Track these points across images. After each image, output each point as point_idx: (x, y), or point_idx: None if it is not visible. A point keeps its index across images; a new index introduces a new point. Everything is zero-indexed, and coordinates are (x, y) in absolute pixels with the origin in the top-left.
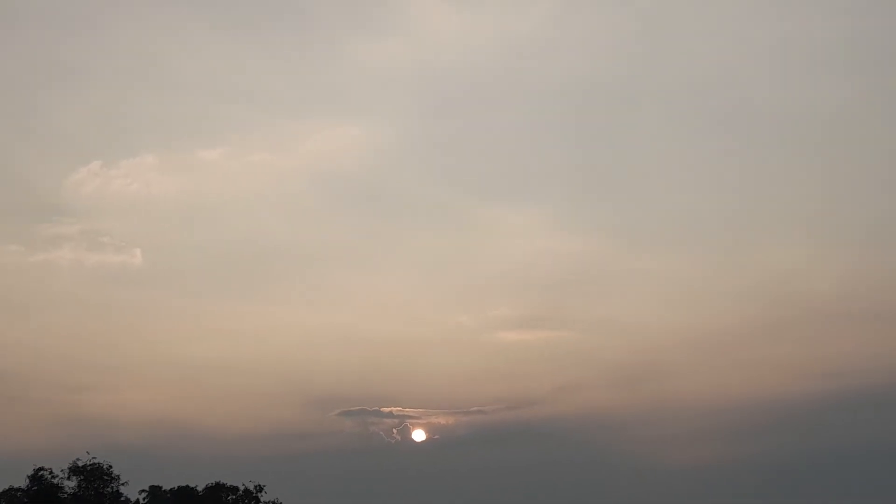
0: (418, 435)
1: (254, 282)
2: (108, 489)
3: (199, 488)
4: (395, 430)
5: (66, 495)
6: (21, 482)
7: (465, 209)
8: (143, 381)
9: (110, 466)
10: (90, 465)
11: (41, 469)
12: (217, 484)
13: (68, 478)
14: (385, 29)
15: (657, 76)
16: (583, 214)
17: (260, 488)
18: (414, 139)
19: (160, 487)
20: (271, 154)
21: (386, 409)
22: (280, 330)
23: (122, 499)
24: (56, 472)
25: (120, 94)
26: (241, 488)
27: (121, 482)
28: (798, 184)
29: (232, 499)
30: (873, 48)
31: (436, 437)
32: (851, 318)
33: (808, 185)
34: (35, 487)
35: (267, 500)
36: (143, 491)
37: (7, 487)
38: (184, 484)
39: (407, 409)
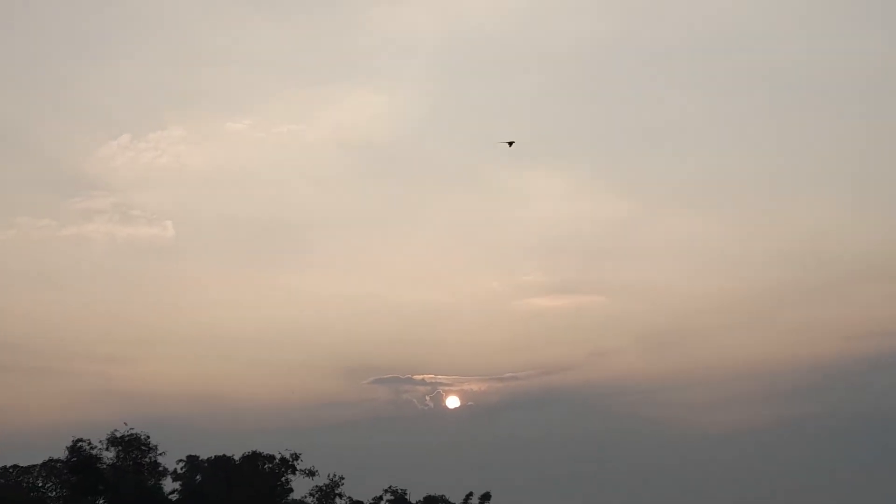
0: (452, 402)
1: (284, 252)
2: (147, 459)
3: (236, 458)
4: (428, 398)
5: (105, 466)
6: (58, 454)
7: (492, 174)
8: (177, 353)
9: (148, 437)
10: (128, 435)
11: (80, 440)
12: (253, 453)
13: (107, 448)
14: None
15: (687, 34)
16: (613, 178)
17: (296, 457)
18: (440, 105)
19: (197, 457)
20: (298, 124)
21: (418, 377)
22: (311, 299)
23: (161, 468)
24: (94, 443)
25: (147, 68)
26: (278, 457)
27: (158, 452)
28: (833, 142)
29: (268, 467)
30: None
31: (469, 403)
32: (888, 279)
33: (843, 144)
34: (74, 458)
35: (303, 468)
36: (180, 461)
37: (47, 459)
38: (220, 454)
39: (439, 377)
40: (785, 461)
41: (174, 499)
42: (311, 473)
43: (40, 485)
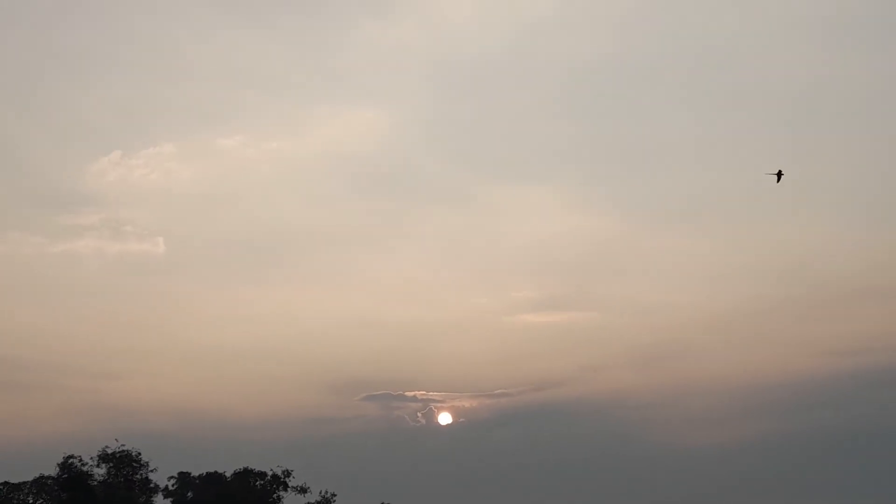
0: (443, 418)
1: (275, 267)
2: (138, 476)
3: (228, 474)
4: (419, 414)
5: (96, 482)
6: (49, 470)
7: (482, 190)
8: (168, 369)
9: (139, 453)
10: (119, 452)
11: (71, 457)
12: (245, 469)
13: (98, 465)
14: (398, 12)
15: (672, 54)
16: (601, 194)
17: (288, 473)
18: (430, 121)
19: (189, 473)
20: (288, 140)
21: (410, 394)
22: (302, 315)
23: (152, 485)
24: (86, 459)
25: (138, 84)
26: (269, 473)
27: (150, 469)
28: (821, 161)
29: (260, 484)
30: (891, 26)
31: (461, 420)
32: (875, 295)
33: (831, 162)
34: (65, 475)
35: (295, 485)
36: (171, 477)
37: (38, 476)
38: (212, 470)
39: (431, 393)
40: (774, 475)
41: None
42: (302, 490)
43: (31, 502)
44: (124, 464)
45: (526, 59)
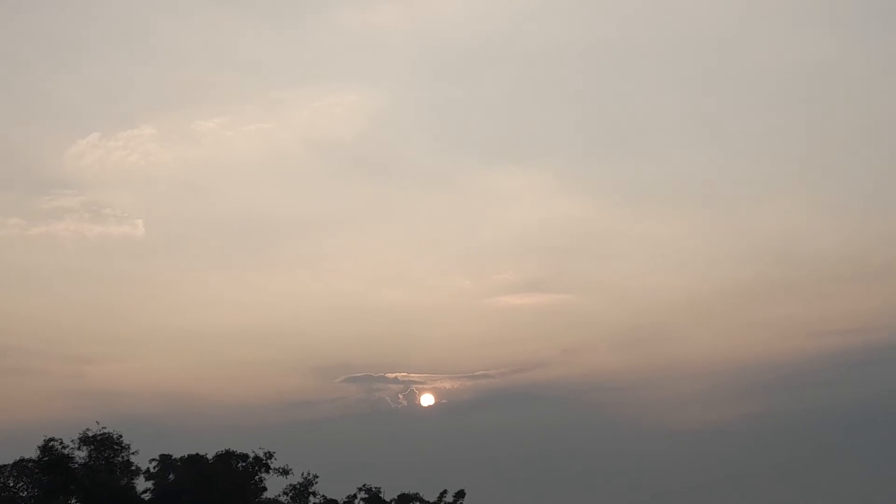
0: (425, 400)
1: (255, 251)
2: (119, 458)
3: (209, 456)
4: (401, 396)
5: (76, 465)
6: (30, 453)
7: (464, 174)
8: (148, 352)
9: (120, 436)
10: (100, 434)
11: (51, 440)
12: (227, 451)
13: (79, 448)
14: None
15: (657, 35)
16: (584, 177)
17: (270, 455)
18: (411, 104)
19: (170, 456)
20: (268, 123)
21: (391, 375)
22: (282, 298)
23: (133, 467)
24: (66, 442)
25: (116, 66)
26: (251, 455)
27: (131, 451)
28: (801, 142)
29: (242, 466)
30: (886, 6)
31: (442, 401)
32: (855, 276)
33: (810, 144)
34: (46, 458)
35: (277, 467)
36: (153, 460)
37: (18, 459)
38: (193, 452)
39: (412, 375)
40: (759, 457)
41: (147, 498)
42: (284, 472)
43: (11, 484)
44: (105, 446)
45: (509, 43)
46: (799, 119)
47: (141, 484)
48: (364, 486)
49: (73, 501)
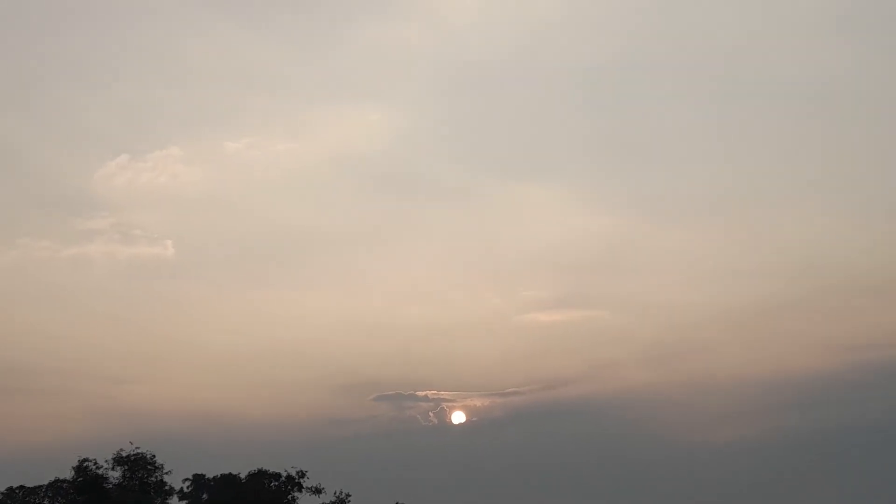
0: (455, 417)
1: (284, 269)
2: (153, 478)
3: (242, 476)
4: (431, 413)
5: (111, 485)
6: (64, 474)
7: (489, 189)
8: (179, 371)
9: (153, 456)
10: (134, 454)
11: (86, 460)
12: (259, 471)
13: (113, 468)
14: (402, 12)
15: (677, 51)
16: (607, 192)
17: (302, 474)
18: (436, 121)
19: (203, 475)
20: (294, 142)
21: (421, 393)
22: (312, 317)
23: (167, 487)
24: (100, 462)
25: (145, 87)
26: (284, 474)
27: (164, 471)
28: (824, 153)
29: (274, 485)
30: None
31: (473, 419)
32: (883, 290)
33: (834, 155)
34: (80, 479)
35: (309, 486)
36: (186, 479)
37: (53, 479)
38: (226, 472)
39: (442, 393)
40: (792, 474)
41: None
42: (317, 491)
43: None
44: (139, 466)
45: (532, 58)
46: (821, 129)
47: (174, 503)
48: (397, 503)
49: None
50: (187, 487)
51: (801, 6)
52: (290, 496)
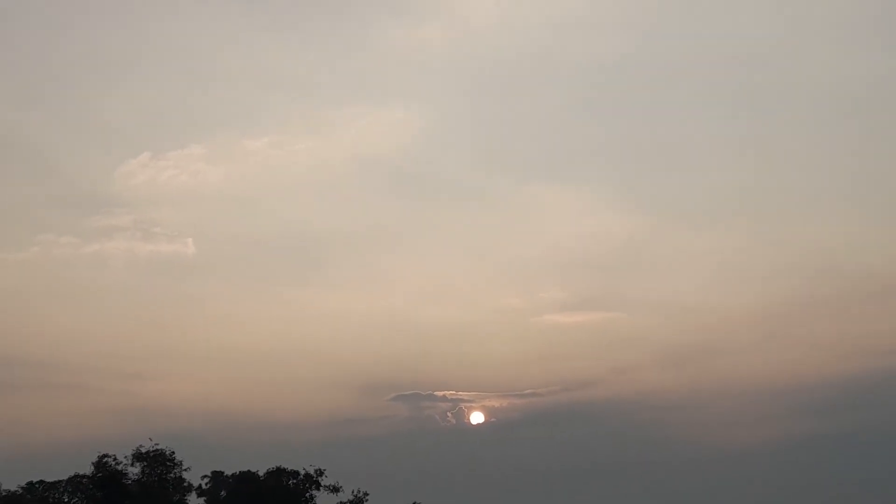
0: (474, 418)
1: (304, 268)
2: (172, 475)
3: (261, 473)
4: (449, 414)
5: (130, 481)
6: (84, 469)
7: (508, 190)
8: (199, 369)
9: (173, 452)
10: (153, 451)
11: (105, 456)
12: (278, 469)
13: (132, 464)
14: (423, 12)
15: (699, 54)
16: (627, 193)
17: (321, 472)
18: (455, 122)
19: (222, 473)
20: (314, 141)
21: (439, 393)
22: (331, 316)
23: (185, 484)
24: (120, 458)
25: (166, 86)
26: (302, 473)
27: (183, 468)
28: (847, 156)
29: (293, 483)
30: None
31: (491, 419)
32: None
33: (857, 158)
34: (100, 474)
35: (327, 484)
36: (205, 476)
37: (73, 475)
38: (245, 469)
39: (460, 393)
40: (810, 479)
41: None
42: (335, 489)
43: (66, 500)
44: (158, 463)
45: (551, 59)
46: (845, 133)
47: (193, 500)
48: (414, 503)
49: None
50: (206, 484)
51: (825, 9)
52: (307, 494)
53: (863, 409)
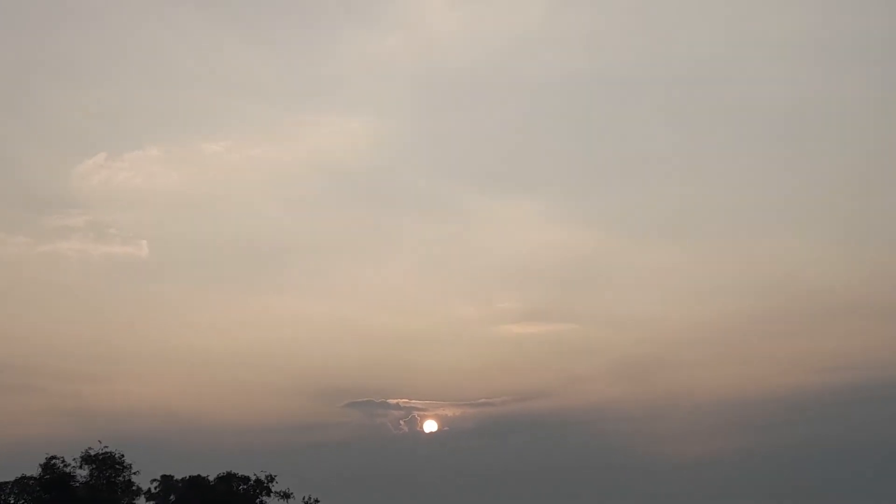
0: (427, 426)
1: (259, 274)
2: (121, 478)
3: (211, 478)
4: (402, 422)
5: (78, 484)
6: (32, 471)
7: (467, 201)
8: (151, 372)
9: (122, 455)
10: (102, 454)
11: (53, 458)
12: (228, 474)
13: (80, 466)
14: (385, 22)
15: (656, 70)
16: (584, 207)
17: (271, 478)
18: (415, 132)
19: (172, 477)
20: (273, 147)
21: (392, 401)
22: (285, 321)
23: (134, 487)
24: (68, 461)
25: (123, 88)
26: (253, 478)
27: (133, 471)
28: (800, 177)
29: (243, 488)
30: (873, 44)
31: (445, 428)
32: (859, 311)
33: (809, 179)
34: (47, 476)
35: (278, 490)
36: (154, 480)
37: (20, 476)
38: (195, 473)
39: (413, 401)
40: (758, 490)
41: None
42: (286, 495)
43: (12, 502)
44: (107, 465)
45: (511, 71)
46: (801, 153)
47: None
48: None
49: None
50: (155, 488)
51: (778, 30)
52: (258, 500)
53: (806, 423)
